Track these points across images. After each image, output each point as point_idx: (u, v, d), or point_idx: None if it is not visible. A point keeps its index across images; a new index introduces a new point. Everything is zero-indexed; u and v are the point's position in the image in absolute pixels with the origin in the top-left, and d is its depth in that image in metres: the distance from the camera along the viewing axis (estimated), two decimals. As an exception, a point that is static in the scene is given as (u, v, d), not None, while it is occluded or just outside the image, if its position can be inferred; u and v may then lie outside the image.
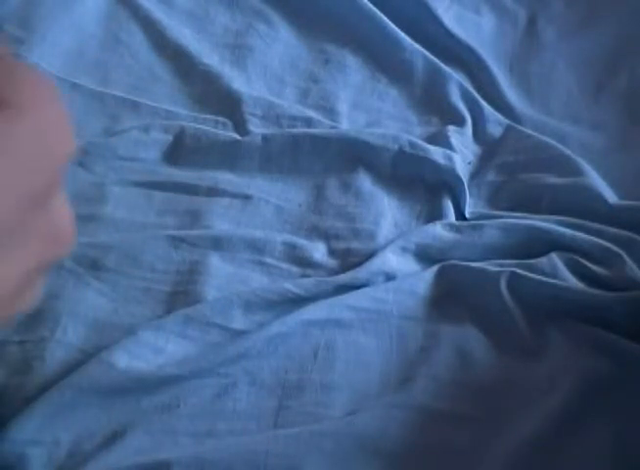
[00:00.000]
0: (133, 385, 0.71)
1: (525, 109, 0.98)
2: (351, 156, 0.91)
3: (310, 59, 1.02)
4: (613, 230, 0.83)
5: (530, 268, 0.79)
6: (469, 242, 0.83)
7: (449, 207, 0.87)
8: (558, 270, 0.79)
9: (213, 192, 0.88)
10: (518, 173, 0.90)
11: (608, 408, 0.70)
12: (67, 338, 0.74)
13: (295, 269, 0.82)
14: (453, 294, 0.80)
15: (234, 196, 0.88)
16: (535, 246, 0.82)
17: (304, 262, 0.82)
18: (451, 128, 0.94)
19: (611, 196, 0.87)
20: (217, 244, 0.83)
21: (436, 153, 0.90)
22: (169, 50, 1.01)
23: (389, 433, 0.69)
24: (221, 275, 0.81)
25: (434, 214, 0.87)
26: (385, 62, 1.02)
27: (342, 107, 0.97)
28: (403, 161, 0.90)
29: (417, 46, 1.01)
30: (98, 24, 1.02)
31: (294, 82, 1.00)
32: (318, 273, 0.81)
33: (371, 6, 1.04)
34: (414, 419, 0.70)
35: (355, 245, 0.84)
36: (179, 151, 0.91)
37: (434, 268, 0.81)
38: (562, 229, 0.83)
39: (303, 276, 0.81)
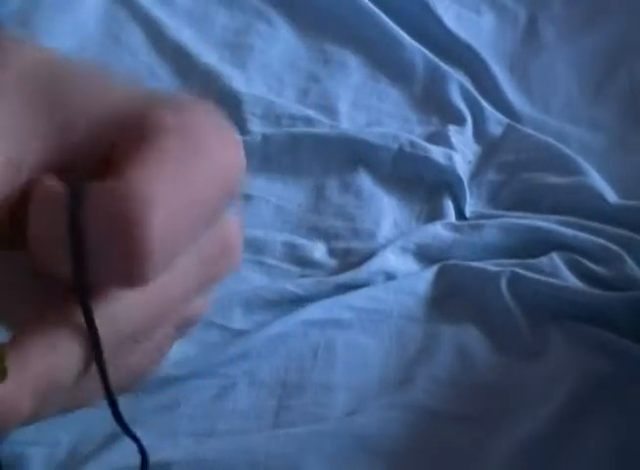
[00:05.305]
0: (133, 385, 0.71)
1: (525, 108, 0.98)
2: (351, 155, 0.91)
3: (310, 58, 1.02)
4: (613, 230, 0.82)
5: (531, 268, 0.79)
6: (469, 242, 0.83)
7: (449, 206, 0.87)
8: (558, 270, 0.79)
9: (213, 192, 0.88)
10: (518, 173, 0.90)
11: (608, 408, 0.70)
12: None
13: (294, 269, 0.82)
14: (453, 294, 0.79)
15: (234, 196, 0.88)
16: (536, 245, 0.82)
17: (304, 262, 0.82)
18: (451, 128, 0.94)
19: (611, 195, 0.87)
20: (217, 244, 0.83)
21: (437, 152, 0.90)
22: (169, 50, 1.01)
23: (389, 433, 0.69)
24: (221, 275, 0.80)
25: (434, 214, 0.87)
26: (385, 61, 1.02)
27: (342, 106, 0.97)
28: (403, 160, 0.90)
29: (417, 46, 1.01)
30: (98, 24, 1.02)
31: (293, 82, 1.00)
32: (318, 273, 0.81)
33: (371, 5, 1.04)
34: (414, 419, 0.70)
35: (355, 245, 0.84)
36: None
37: (434, 268, 0.81)
38: (562, 229, 0.82)
39: (303, 276, 0.81)
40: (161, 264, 0.24)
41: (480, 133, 0.95)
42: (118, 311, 0.25)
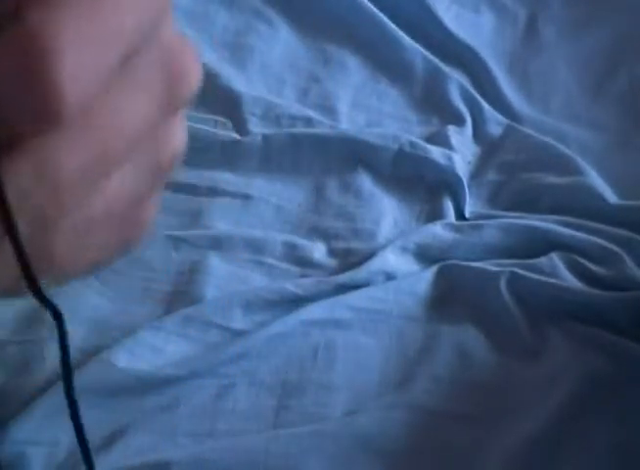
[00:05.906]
0: (133, 385, 0.71)
1: (524, 108, 0.98)
2: (351, 155, 0.91)
3: (310, 58, 1.02)
4: (612, 230, 0.83)
5: (530, 268, 0.79)
6: (469, 242, 0.83)
7: (449, 206, 0.87)
8: (558, 270, 0.79)
9: (213, 192, 0.88)
10: (517, 173, 0.90)
11: (608, 408, 0.70)
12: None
13: (294, 269, 0.82)
14: (453, 294, 0.80)
15: (234, 196, 0.88)
16: (535, 246, 0.82)
17: (304, 262, 0.82)
18: (451, 128, 0.94)
19: (610, 196, 0.87)
20: (217, 244, 0.83)
21: (436, 153, 0.90)
22: (169, 50, 1.01)
23: (389, 433, 0.69)
24: (221, 275, 0.81)
25: (434, 214, 0.87)
26: (385, 62, 1.02)
27: (342, 106, 0.97)
28: (403, 160, 0.90)
29: (417, 46, 1.01)
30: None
31: (293, 82, 1.00)
32: (318, 273, 0.81)
33: (371, 6, 1.04)
34: (414, 419, 0.70)
35: (355, 245, 0.84)
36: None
37: (434, 268, 0.81)
38: (561, 229, 0.83)
39: (303, 276, 0.81)
40: (80, 98, 0.23)
41: (479, 134, 0.95)
42: (48, 157, 0.24)
